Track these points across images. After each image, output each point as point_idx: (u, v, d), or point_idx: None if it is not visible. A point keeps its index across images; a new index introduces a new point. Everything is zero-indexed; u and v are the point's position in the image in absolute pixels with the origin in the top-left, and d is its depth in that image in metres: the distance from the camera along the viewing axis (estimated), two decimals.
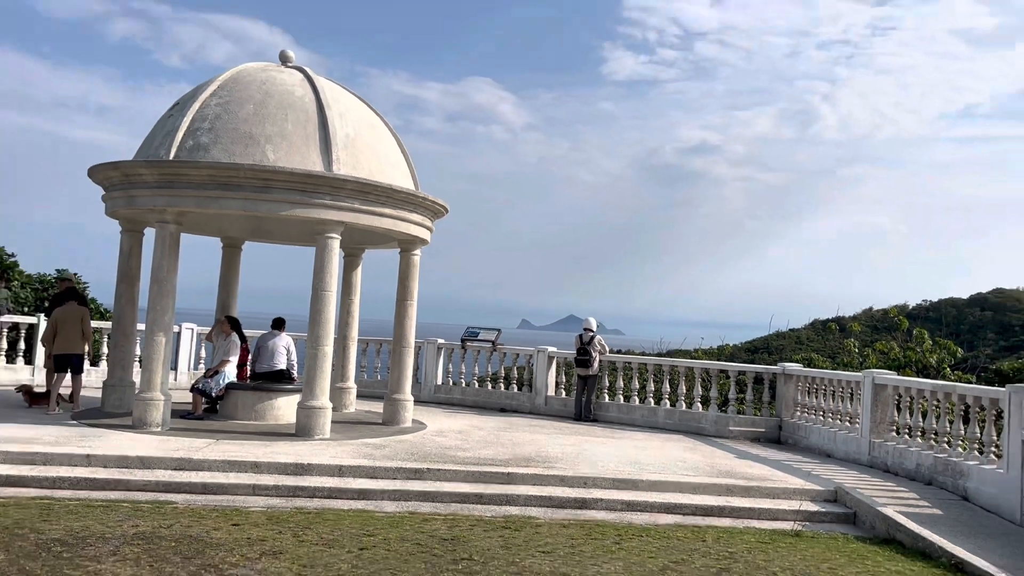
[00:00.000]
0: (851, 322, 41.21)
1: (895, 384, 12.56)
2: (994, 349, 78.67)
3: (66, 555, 6.57)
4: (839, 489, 10.38)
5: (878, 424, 12.56)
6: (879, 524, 9.27)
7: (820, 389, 14.48)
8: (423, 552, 7.22)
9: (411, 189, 13.04)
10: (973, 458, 10.63)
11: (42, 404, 13.26)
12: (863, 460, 12.57)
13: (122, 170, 12.21)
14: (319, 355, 12.13)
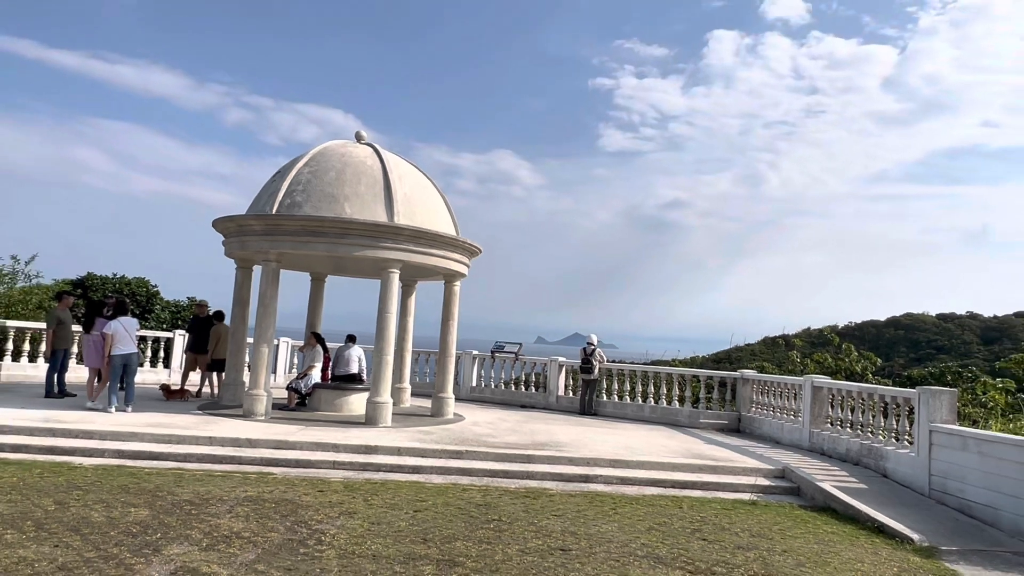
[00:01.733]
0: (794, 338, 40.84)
1: (829, 386, 12.50)
2: (906, 360, 77.69)
3: (194, 512, 6.67)
4: (786, 468, 10.30)
5: (816, 417, 12.48)
6: (818, 496, 9.23)
7: (770, 390, 14.41)
8: (463, 514, 7.25)
9: (453, 235, 13.18)
10: (891, 444, 10.61)
11: (175, 398, 13.45)
12: (804, 446, 12.45)
13: (237, 222, 12.46)
14: (382, 362, 12.23)
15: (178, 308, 23.95)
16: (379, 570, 5.38)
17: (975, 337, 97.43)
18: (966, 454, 8.81)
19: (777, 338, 60.40)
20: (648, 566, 5.96)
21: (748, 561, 6.30)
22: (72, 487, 7.30)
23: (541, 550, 6.17)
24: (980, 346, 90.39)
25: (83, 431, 9.54)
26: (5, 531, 5.73)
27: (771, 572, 6.03)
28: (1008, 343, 75.10)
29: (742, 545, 6.81)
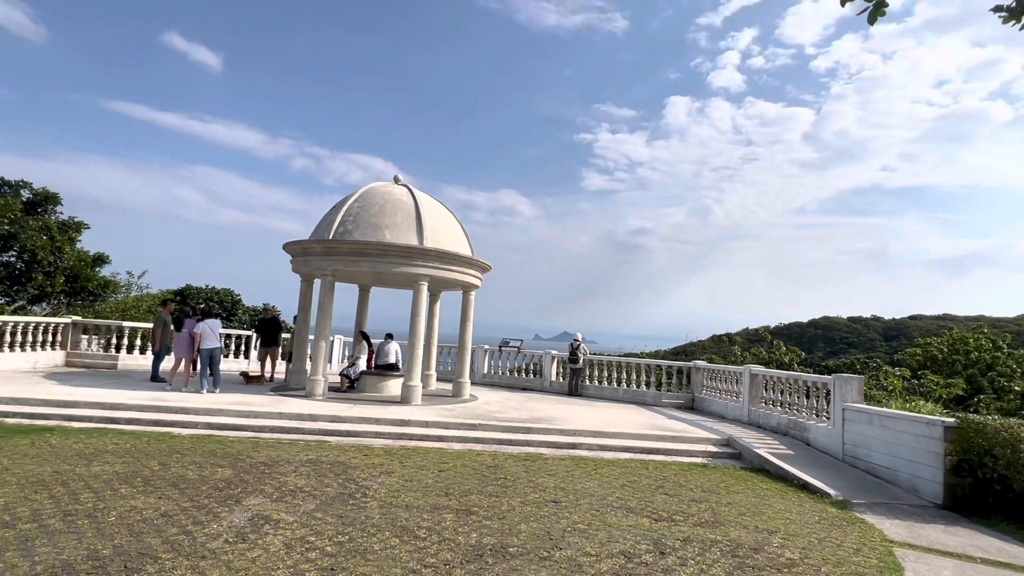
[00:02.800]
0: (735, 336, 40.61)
1: (763, 373, 12.37)
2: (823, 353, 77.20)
3: (266, 471, 6.65)
4: (730, 438, 10.16)
5: (753, 398, 12.35)
6: (755, 460, 9.13)
7: (717, 376, 14.28)
8: (476, 474, 7.21)
9: (469, 255, 13.17)
10: (812, 419, 10.48)
11: (253, 382, 13.43)
12: (744, 420, 12.32)
13: (302, 245, 12.48)
14: (414, 355, 12.19)
15: (255, 312, 24.00)
16: (411, 517, 5.36)
17: (878, 335, 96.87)
18: (871, 427, 8.74)
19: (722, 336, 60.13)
20: (622, 515, 5.92)
21: (700, 511, 6.25)
22: (172, 452, 7.31)
23: (538, 502, 6.14)
24: (882, 342, 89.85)
25: (181, 408, 9.51)
26: (120, 486, 5.73)
27: (718, 519, 5.99)
28: (904, 340, 74.68)
29: (696, 498, 6.76)
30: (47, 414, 8.92)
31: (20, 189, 13.81)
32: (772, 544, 5.35)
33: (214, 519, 4.96)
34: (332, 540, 4.66)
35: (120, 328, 15.57)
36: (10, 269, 13.31)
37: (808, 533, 5.77)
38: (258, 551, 4.34)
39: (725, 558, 4.90)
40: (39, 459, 6.51)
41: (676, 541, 5.22)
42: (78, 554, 4.09)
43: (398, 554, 4.46)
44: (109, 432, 8.23)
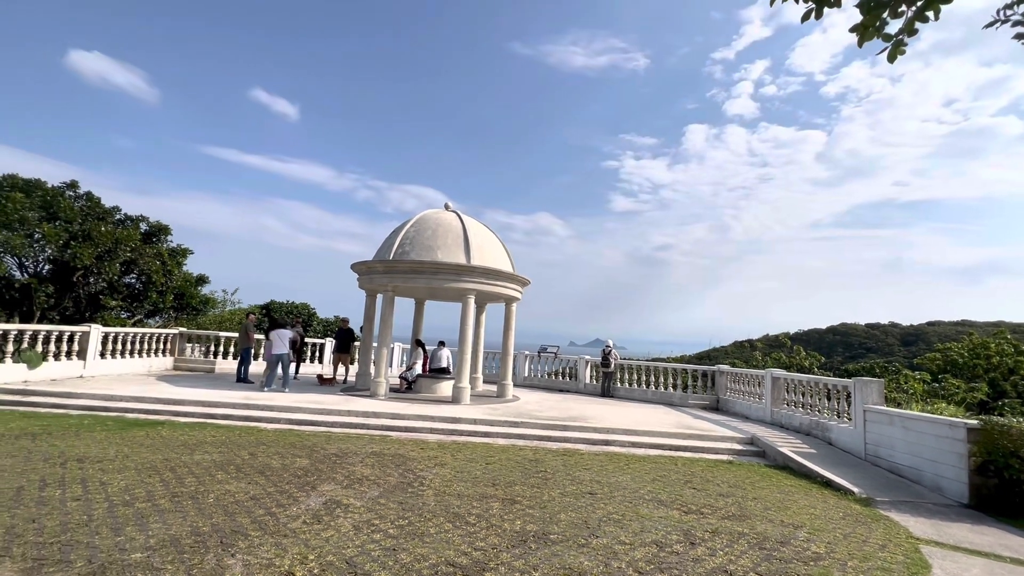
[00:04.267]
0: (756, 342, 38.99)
1: (784, 377, 11.82)
2: (842, 358, 73.24)
3: (338, 462, 6.78)
4: (754, 437, 9.72)
5: (775, 400, 11.81)
6: (779, 458, 8.68)
7: (740, 379, 13.74)
8: (520, 467, 7.15)
9: (510, 271, 13.19)
10: (833, 420, 9.90)
11: (326, 384, 13.80)
12: (767, 420, 11.78)
13: (367, 265, 12.81)
14: (463, 360, 12.25)
15: (328, 323, 24.76)
16: (462, 504, 5.35)
17: (896, 341, 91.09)
18: (893, 428, 8.18)
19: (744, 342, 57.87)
20: (653, 506, 5.73)
21: (727, 505, 5.99)
22: (259, 443, 7.56)
23: (575, 493, 6.03)
24: (901, 347, 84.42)
25: (267, 405, 9.85)
26: (217, 472, 5.97)
27: (745, 513, 5.71)
28: (923, 345, 69.90)
29: (722, 493, 6.48)
30: (159, 410, 9.42)
31: (139, 222, 14.81)
32: (798, 538, 5.06)
33: (294, 502, 5.09)
34: (394, 523, 4.70)
35: (217, 337, 16.35)
36: (131, 289, 14.25)
37: (833, 528, 5.43)
38: (331, 531, 4.42)
39: (752, 550, 4.66)
40: (152, 448, 6.88)
41: (705, 532, 5.01)
42: (183, 530, 4.27)
43: (451, 538, 4.46)
44: (208, 426, 8.62)
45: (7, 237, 11.33)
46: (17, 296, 12.14)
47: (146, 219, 14.96)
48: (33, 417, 8.56)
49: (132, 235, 13.61)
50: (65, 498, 4.84)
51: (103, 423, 8.39)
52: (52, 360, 11.51)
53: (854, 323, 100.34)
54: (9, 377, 10.57)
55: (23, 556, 3.64)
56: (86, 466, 5.88)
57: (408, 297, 15.78)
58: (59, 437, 7.21)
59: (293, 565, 3.73)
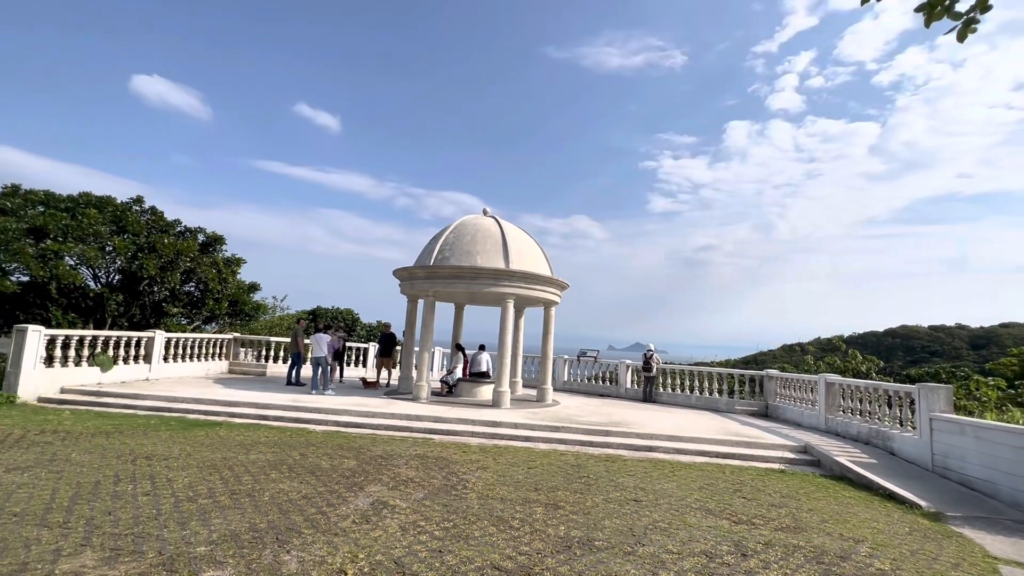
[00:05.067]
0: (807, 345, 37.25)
1: (840, 382, 11.23)
2: (902, 363, 69.04)
3: (383, 463, 6.94)
4: (808, 445, 9.28)
5: (830, 406, 11.24)
6: (835, 467, 8.25)
7: (791, 385, 13.17)
8: (562, 472, 7.10)
9: (549, 275, 13.15)
10: (896, 428, 9.31)
11: (370, 387, 14.15)
12: (821, 428, 11.23)
13: (409, 271, 13.06)
14: (503, 364, 12.30)
15: (371, 328, 25.44)
16: (506, 509, 5.37)
17: (964, 344, 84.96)
18: (964, 438, 7.62)
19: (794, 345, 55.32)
20: (701, 515, 5.56)
21: (781, 516, 5.74)
22: (309, 444, 7.84)
23: (619, 500, 5.93)
24: (969, 351, 78.62)
25: (315, 407, 10.19)
26: (271, 471, 6.23)
27: (800, 525, 5.46)
28: (996, 349, 64.81)
29: (775, 503, 6.22)
30: (217, 411, 9.93)
31: (197, 233, 15.73)
32: (859, 553, 4.78)
33: (343, 502, 5.25)
34: (439, 525, 4.77)
35: (268, 342, 17.07)
36: (190, 297, 15.14)
37: (899, 544, 5.10)
38: (379, 531, 4.53)
39: (809, 564, 4.44)
40: (212, 447, 7.26)
41: (758, 544, 4.82)
42: (242, 526, 4.49)
43: (496, 541, 4.48)
44: (261, 427, 9.01)
45: (83, 250, 12.29)
46: (91, 304, 13.13)
47: (203, 230, 15.88)
48: (106, 416, 9.20)
49: (191, 246, 14.47)
50: (136, 493, 5.18)
51: (167, 423, 8.93)
52: (122, 364, 12.35)
53: (915, 325, 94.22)
54: (85, 379, 11.41)
55: (102, 546, 3.92)
56: (154, 463, 6.27)
57: (448, 302, 15.96)
58: (129, 436, 7.73)
59: (344, 563, 3.85)
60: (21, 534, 4.06)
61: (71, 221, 12.50)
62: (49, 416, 8.93)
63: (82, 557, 3.72)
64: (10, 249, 11.25)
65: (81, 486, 5.30)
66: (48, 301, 12.15)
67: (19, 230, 11.67)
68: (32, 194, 12.82)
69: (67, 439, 7.29)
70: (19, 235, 11.57)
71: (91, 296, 13.03)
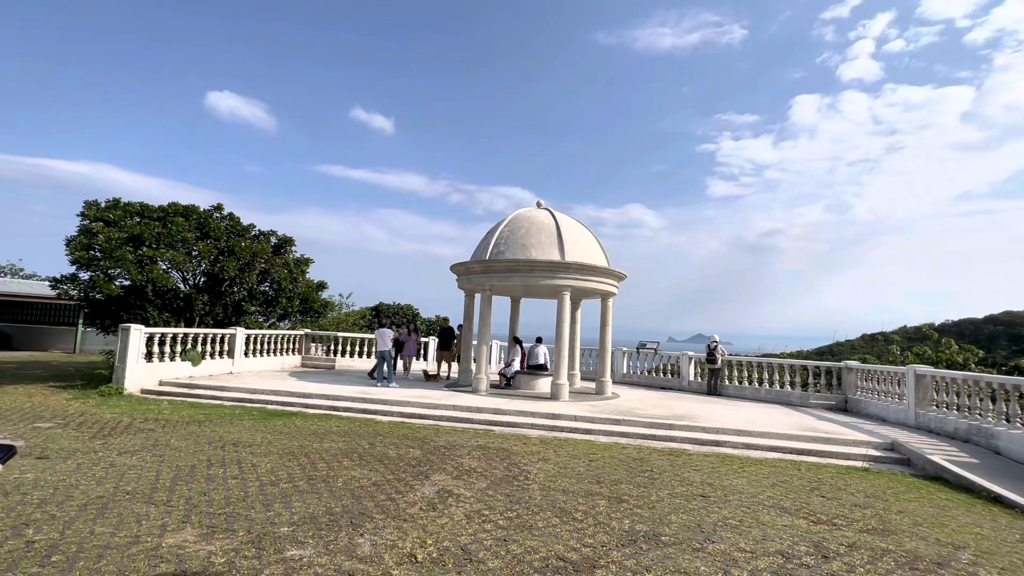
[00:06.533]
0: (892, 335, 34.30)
1: (932, 374, 10.28)
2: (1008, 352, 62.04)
3: (447, 453, 7.13)
4: (895, 442, 8.59)
5: (921, 400, 10.32)
6: (928, 467, 7.57)
7: (874, 377, 12.21)
8: (624, 465, 7.00)
9: (605, 266, 12.95)
10: (1002, 425, 8.38)
11: (432, 380, 14.58)
12: (911, 424, 10.34)
13: (465, 266, 13.30)
14: (560, 356, 12.28)
15: (431, 323, 26.15)
16: (568, 500, 5.36)
17: None
18: None
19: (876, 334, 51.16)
20: (776, 514, 5.29)
21: (866, 517, 5.34)
22: (376, 434, 8.21)
23: (685, 495, 5.76)
24: None
25: (381, 399, 10.66)
26: (343, 459, 6.58)
27: (888, 528, 5.05)
28: None
29: (858, 504, 5.80)
30: (292, 403, 10.62)
31: (270, 236, 16.82)
32: (960, 560, 4.37)
33: (410, 490, 5.46)
34: (503, 515, 4.84)
35: (336, 338, 18.01)
36: (265, 296, 16.24)
37: (1008, 552, 4.60)
38: (445, 519, 4.67)
39: (901, 569, 4.11)
40: (289, 436, 7.77)
41: (840, 546, 4.51)
42: (319, 509, 4.78)
43: (559, 532, 4.49)
44: (332, 417, 9.53)
45: (173, 255, 13.48)
46: (182, 305, 14.41)
47: (275, 233, 16.94)
48: (197, 406, 10.08)
49: (265, 248, 15.51)
50: (226, 476, 5.65)
51: (250, 413, 9.65)
52: (209, 359, 13.47)
53: (1022, 311, 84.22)
54: (179, 372, 12.56)
55: (199, 523, 4.31)
56: (240, 449, 6.81)
57: (504, 296, 16.08)
58: (218, 424, 8.43)
59: (414, 548, 4.00)
60: (133, 510, 4.55)
61: (162, 229, 13.76)
62: (151, 406, 9.91)
63: (184, 532, 4.11)
64: (114, 256, 12.54)
65: (180, 469, 5.85)
66: (146, 302, 13.47)
67: (120, 239, 12.99)
68: (129, 206, 14.22)
69: (166, 426, 8.06)
70: (120, 243, 12.88)
71: (181, 297, 14.31)
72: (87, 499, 4.78)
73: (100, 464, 5.92)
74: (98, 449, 6.57)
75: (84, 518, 4.32)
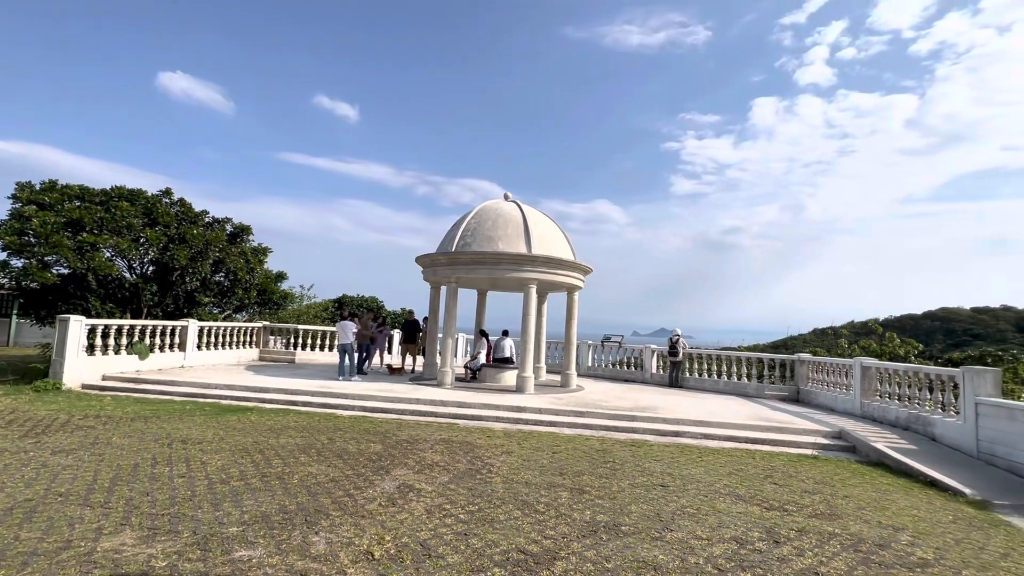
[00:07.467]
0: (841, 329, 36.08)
1: (876, 366, 10.85)
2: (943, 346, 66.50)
3: (409, 448, 7.01)
4: (842, 430, 9.01)
5: (866, 391, 10.87)
6: (872, 454, 7.98)
7: (824, 369, 12.79)
8: (587, 457, 7.06)
9: (572, 259, 12.99)
10: (937, 413, 8.93)
11: (396, 373, 14.35)
12: (857, 414, 10.88)
13: (431, 258, 13.09)
14: (526, 349, 12.29)
15: (396, 316, 25.74)
16: (531, 493, 5.35)
17: (1009, 326, 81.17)
18: (1013, 423, 7.24)
19: (826, 329, 53.69)
20: (731, 501, 5.45)
21: (815, 502, 5.57)
22: (336, 429, 7.99)
23: (646, 485, 5.86)
24: (1016, 333, 75.09)
25: (342, 393, 10.42)
26: (300, 455, 6.37)
27: (835, 513, 5.28)
28: None
29: (808, 490, 6.05)
30: (248, 397, 10.22)
31: (225, 224, 16.08)
32: (900, 541, 4.60)
33: (369, 485, 5.32)
34: (464, 509, 4.79)
35: (296, 330, 17.46)
36: (220, 287, 15.56)
37: (942, 533, 4.89)
38: (405, 514, 4.57)
39: (846, 552, 4.30)
40: (243, 431, 7.46)
41: (790, 531, 4.68)
42: (272, 507, 4.59)
43: (521, 525, 4.47)
44: (291, 412, 9.23)
45: (117, 242, 12.70)
46: (127, 295, 13.62)
47: (230, 220, 16.22)
48: (144, 402, 9.57)
49: (219, 236, 14.83)
50: (172, 475, 5.36)
51: (201, 408, 9.22)
52: (158, 352, 12.80)
53: (957, 307, 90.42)
54: (124, 367, 11.88)
55: (140, 525, 4.06)
56: (189, 447, 6.48)
57: (471, 288, 15.97)
58: (166, 420, 8.01)
59: (371, 545, 3.89)
60: (66, 513, 4.24)
61: (105, 214, 12.94)
62: (92, 402, 9.32)
63: (122, 535, 3.86)
64: (50, 242, 11.71)
65: (121, 468, 5.51)
66: (87, 292, 12.66)
67: (58, 223, 12.13)
68: (68, 189, 13.29)
69: (108, 423, 7.60)
70: (58, 228, 12.04)
71: (127, 287, 13.51)
72: (13, 502, 4.44)
73: (30, 465, 5.52)
74: (29, 448, 6.13)
75: (8, 523, 4.00)
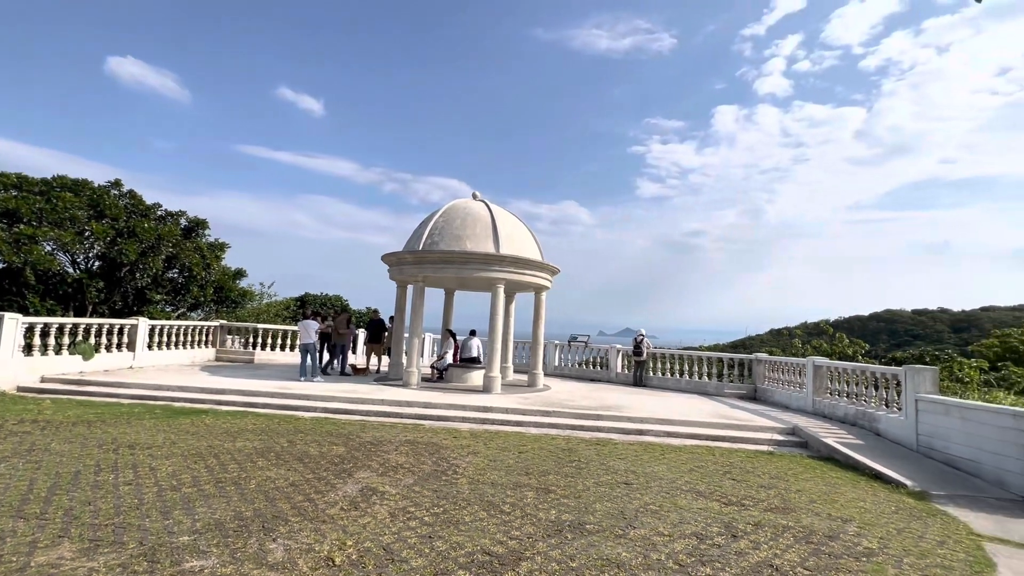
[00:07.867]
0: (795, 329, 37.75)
1: (827, 365, 11.35)
2: (887, 345, 70.51)
3: (373, 450, 6.87)
4: (795, 427, 9.39)
5: (818, 389, 11.37)
6: (822, 449, 8.35)
7: (780, 368, 13.30)
8: (553, 456, 7.09)
9: (539, 259, 13.05)
10: (881, 410, 9.45)
11: (360, 374, 14.05)
12: (809, 410, 11.37)
13: (397, 256, 12.89)
14: (493, 349, 12.26)
15: (360, 315, 25.23)
16: (496, 493, 5.34)
17: (946, 327, 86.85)
18: (949, 418, 7.74)
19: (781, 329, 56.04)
20: (692, 498, 5.59)
21: (770, 497, 5.78)
22: (297, 431, 7.75)
23: (610, 483, 5.94)
24: (951, 334, 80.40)
25: (303, 395, 10.10)
26: (258, 459, 6.14)
27: (789, 506, 5.50)
28: (976, 332, 66.28)
29: (764, 485, 6.27)
30: (203, 399, 9.79)
31: (179, 218, 15.35)
32: (847, 532, 4.83)
33: (331, 489, 5.18)
34: (429, 511, 4.72)
35: (256, 329, 16.85)
36: (174, 283, 14.84)
37: (885, 523, 5.17)
38: (368, 518, 4.47)
39: (799, 544, 4.48)
40: (197, 435, 7.14)
41: (747, 525, 4.84)
42: (227, 515, 4.40)
43: (486, 526, 4.45)
44: (249, 415, 8.89)
45: (59, 235, 11.93)
46: (70, 291, 12.82)
47: (185, 214, 15.51)
48: (88, 405, 9.02)
49: (173, 231, 14.14)
50: (118, 482, 5.06)
51: (152, 411, 8.77)
52: (104, 352, 12.10)
53: (899, 309, 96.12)
54: (66, 368, 11.17)
55: (80, 537, 3.82)
56: (137, 452, 6.15)
57: (438, 287, 15.81)
58: (112, 424, 7.57)
59: (332, 550, 3.79)
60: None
61: (45, 205, 12.13)
62: (28, 406, 8.72)
63: (59, 549, 3.62)
64: None
65: (60, 476, 5.17)
66: (24, 288, 11.83)
67: None
68: (4, 177, 12.38)
69: (47, 429, 7.12)
70: None
71: (70, 282, 12.71)
72: None
73: None
74: None
75: None
